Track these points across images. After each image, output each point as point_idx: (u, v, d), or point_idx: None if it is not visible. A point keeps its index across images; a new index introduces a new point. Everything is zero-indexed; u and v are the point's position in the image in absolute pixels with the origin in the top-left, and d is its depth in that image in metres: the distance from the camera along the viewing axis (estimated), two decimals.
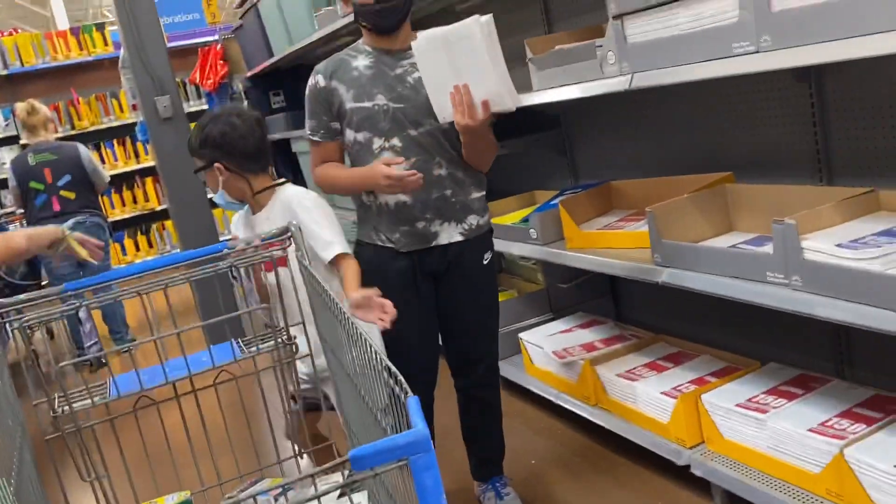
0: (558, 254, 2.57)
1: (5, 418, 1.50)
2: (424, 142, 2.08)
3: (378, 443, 0.81)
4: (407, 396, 0.99)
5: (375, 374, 1.17)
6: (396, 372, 1.06)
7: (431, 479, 0.83)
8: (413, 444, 0.81)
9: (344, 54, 2.16)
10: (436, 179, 2.09)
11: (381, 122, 2.07)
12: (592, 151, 3.13)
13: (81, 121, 7.94)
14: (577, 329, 2.98)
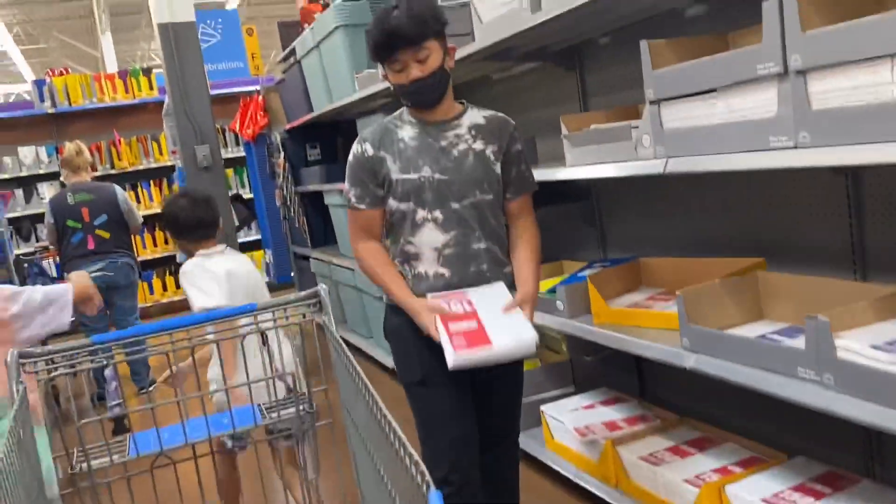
0: (585, 329, 2.55)
1: (24, 474, 1.50)
2: (466, 215, 2.09)
3: None
4: (429, 490, 0.98)
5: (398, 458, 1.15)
6: (419, 461, 1.05)
7: None
8: None
9: (390, 123, 2.17)
10: (473, 253, 2.10)
11: (426, 193, 2.08)
12: (622, 225, 3.12)
13: (121, 161, 8.14)
14: (599, 405, 2.93)
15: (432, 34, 2.01)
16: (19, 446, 1.43)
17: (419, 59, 2.01)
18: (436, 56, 2.02)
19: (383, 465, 1.38)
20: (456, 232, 2.08)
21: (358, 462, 1.76)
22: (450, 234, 2.08)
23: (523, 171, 2.20)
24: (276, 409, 1.80)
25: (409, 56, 2.00)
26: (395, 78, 2.06)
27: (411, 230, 2.10)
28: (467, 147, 2.12)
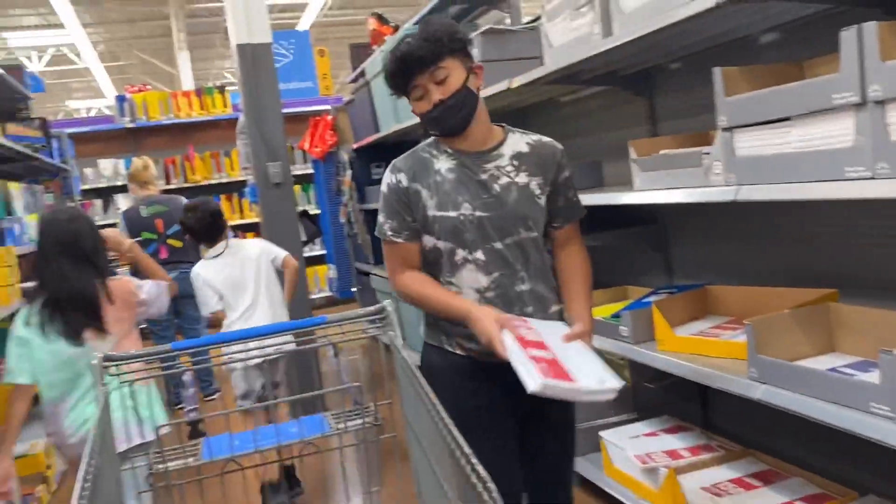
0: (649, 355, 2.53)
1: (109, 473, 1.58)
2: (509, 255, 1.94)
3: None
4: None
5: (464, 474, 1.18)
6: (486, 478, 1.07)
7: None
8: None
9: (424, 152, 2.01)
10: (516, 296, 1.94)
11: (466, 232, 1.92)
12: (689, 252, 3.09)
13: (195, 175, 8.42)
14: (661, 433, 2.90)
15: (448, 52, 1.86)
16: (103, 446, 1.51)
17: (437, 81, 1.86)
18: (456, 76, 1.87)
19: (446, 480, 1.40)
20: (498, 274, 1.93)
21: (419, 477, 1.79)
22: (492, 275, 1.93)
23: (571, 199, 2.07)
24: (343, 420, 1.84)
25: (427, 79, 1.86)
26: (419, 107, 1.91)
27: (450, 269, 1.95)
28: (510, 181, 1.95)
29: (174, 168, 8.39)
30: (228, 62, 17.26)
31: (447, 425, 1.28)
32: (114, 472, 1.67)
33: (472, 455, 1.15)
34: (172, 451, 1.76)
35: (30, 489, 3.36)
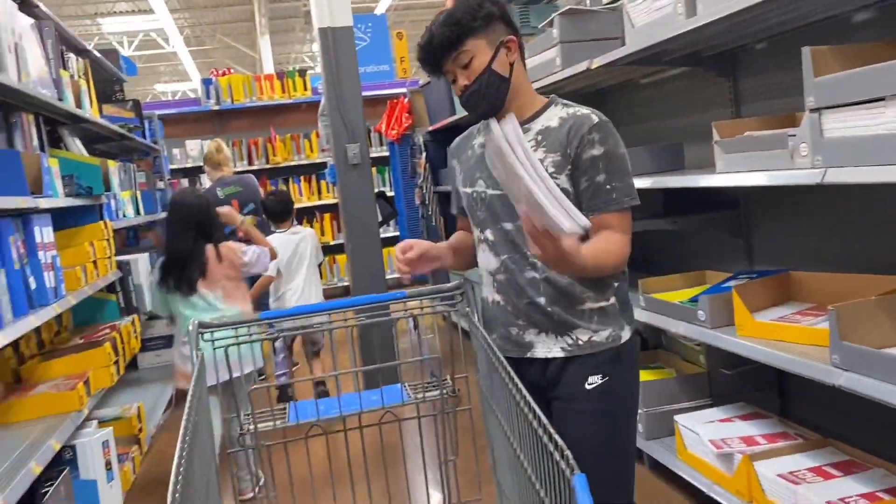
0: (727, 340, 2.51)
1: (203, 431, 1.68)
2: (517, 237, 1.78)
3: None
4: (573, 473, 1.03)
5: (541, 446, 1.21)
6: (563, 447, 1.10)
7: None
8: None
9: (475, 127, 1.97)
10: (527, 283, 1.79)
11: (478, 211, 1.86)
12: (771, 237, 3.03)
13: (276, 156, 8.65)
14: (737, 420, 2.86)
15: (469, 33, 1.73)
16: (199, 407, 1.61)
17: (462, 66, 1.75)
18: (481, 57, 1.73)
19: (523, 451, 1.44)
20: (507, 256, 1.82)
21: (494, 449, 1.84)
22: (500, 258, 1.83)
23: (600, 183, 1.72)
24: (422, 390, 1.90)
25: (452, 64, 1.76)
26: (455, 91, 1.82)
27: (476, 247, 1.94)
28: None
29: (256, 149, 8.64)
30: (307, 46, 17.59)
31: (525, 397, 1.32)
32: (208, 428, 1.77)
33: (550, 426, 1.18)
34: (261, 414, 1.85)
35: (124, 449, 3.57)
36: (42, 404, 2.82)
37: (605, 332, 1.78)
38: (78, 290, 3.18)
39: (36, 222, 2.78)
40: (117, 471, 3.21)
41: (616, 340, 1.79)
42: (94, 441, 3.00)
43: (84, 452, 2.96)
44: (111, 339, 3.39)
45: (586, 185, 1.73)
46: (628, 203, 1.74)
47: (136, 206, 5.14)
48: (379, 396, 1.91)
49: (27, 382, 3.11)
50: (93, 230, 3.69)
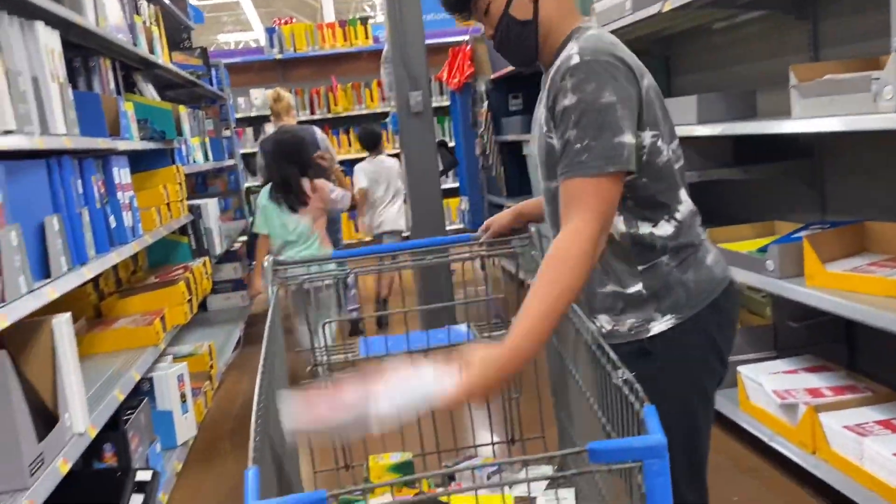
0: (796, 290, 2.47)
1: (279, 363, 1.76)
2: (546, 204, 1.60)
3: (617, 441, 0.87)
4: (643, 405, 1.04)
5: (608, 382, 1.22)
6: (632, 379, 1.11)
7: (662, 486, 0.87)
8: (651, 449, 0.87)
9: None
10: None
11: (536, 172, 1.68)
12: (846, 187, 2.95)
13: (336, 106, 8.70)
14: (802, 372, 2.83)
15: None
16: (273, 339, 1.68)
17: (483, 13, 1.53)
18: (496, 2, 1.50)
19: (588, 388, 1.46)
20: (547, 219, 1.64)
21: (558, 387, 1.87)
22: (544, 221, 1.68)
23: (570, 141, 1.36)
24: (488, 330, 1.94)
25: (476, 14, 1.56)
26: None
27: None
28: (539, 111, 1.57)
29: (318, 99, 8.70)
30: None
31: (591, 333, 1.32)
32: (281, 360, 1.85)
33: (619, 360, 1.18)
34: (333, 347, 1.92)
35: (197, 384, 3.73)
36: (122, 338, 2.97)
37: (629, 321, 1.50)
38: (153, 230, 3.31)
39: (114, 163, 2.89)
40: (191, 403, 3.37)
41: (641, 332, 1.49)
42: (169, 374, 3.15)
43: (161, 384, 3.12)
44: (185, 279, 3.52)
45: (560, 145, 1.39)
46: (605, 168, 1.32)
47: (204, 152, 5.26)
48: (446, 335, 1.96)
49: (107, 317, 3.27)
50: (166, 174, 3.81)
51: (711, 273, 1.51)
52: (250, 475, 0.88)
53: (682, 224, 1.49)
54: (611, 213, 1.35)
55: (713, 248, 1.56)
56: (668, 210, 1.48)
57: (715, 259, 1.54)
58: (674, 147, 1.50)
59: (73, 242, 2.34)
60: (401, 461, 1.93)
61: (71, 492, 2.27)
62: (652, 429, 0.93)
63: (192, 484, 3.14)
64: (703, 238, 1.54)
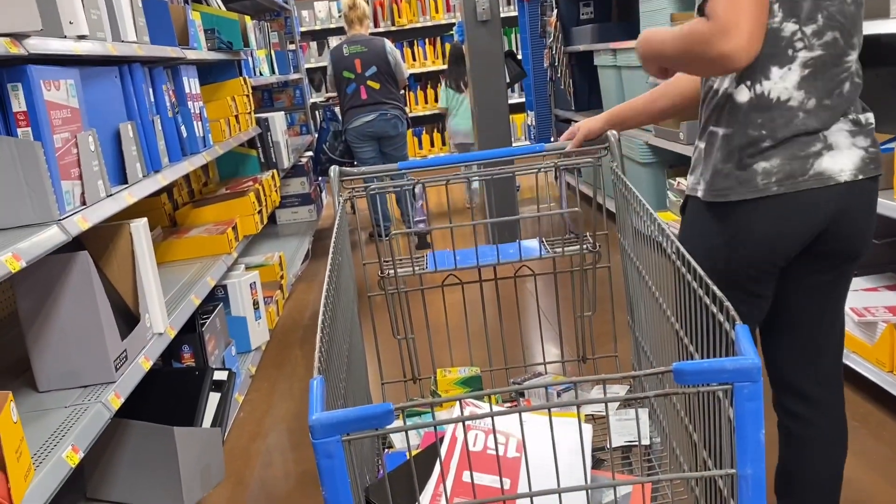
0: (883, 203, 2.34)
1: (346, 273, 1.77)
2: None
3: (705, 362, 0.80)
4: (734, 325, 0.99)
5: (695, 298, 1.18)
6: (723, 298, 1.05)
7: (754, 410, 0.82)
8: (743, 370, 0.80)
9: None
10: None
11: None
12: None
13: (401, 18, 8.52)
14: (883, 290, 2.72)
15: None
16: (342, 248, 1.68)
17: None
18: None
19: (670, 307, 1.42)
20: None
21: (635, 306, 1.84)
22: None
23: None
24: (562, 245, 1.90)
25: None
26: None
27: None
28: None
29: (382, 11, 8.53)
30: None
31: (678, 248, 1.28)
32: (349, 271, 1.86)
33: (706, 276, 1.13)
34: (401, 261, 1.92)
35: (269, 293, 3.84)
36: (196, 246, 3.05)
37: (692, 177, 1.55)
38: (223, 141, 3.34)
39: (184, 73, 2.90)
40: (263, 311, 3.47)
41: (693, 190, 1.53)
42: (242, 282, 3.24)
43: (234, 291, 3.21)
44: (254, 191, 3.57)
45: None
46: None
47: (270, 65, 5.24)
48: (516, 249, 1.92)
49: (182, 226, 3.35)
50: (233, 86, 3.82)
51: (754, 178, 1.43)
52: (315, 385, 0.86)
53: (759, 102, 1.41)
54: None
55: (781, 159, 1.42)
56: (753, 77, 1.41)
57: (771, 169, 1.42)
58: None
59: (147, 150, 2.37)
60: (469, 375, 1.94)
61: (153, 388, 2.39)
62: (744, 350, 0.88)
63: (266, 386, 3.27)
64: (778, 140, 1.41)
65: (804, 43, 1.38)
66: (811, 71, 1.39)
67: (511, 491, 1.31)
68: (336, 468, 0.86)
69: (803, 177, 1.40)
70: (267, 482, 2.52)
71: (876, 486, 2.13)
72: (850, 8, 1.40)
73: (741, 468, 0.86)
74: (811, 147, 1.40)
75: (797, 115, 1.40)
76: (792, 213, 1.43)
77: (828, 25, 1.38)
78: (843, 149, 1.41)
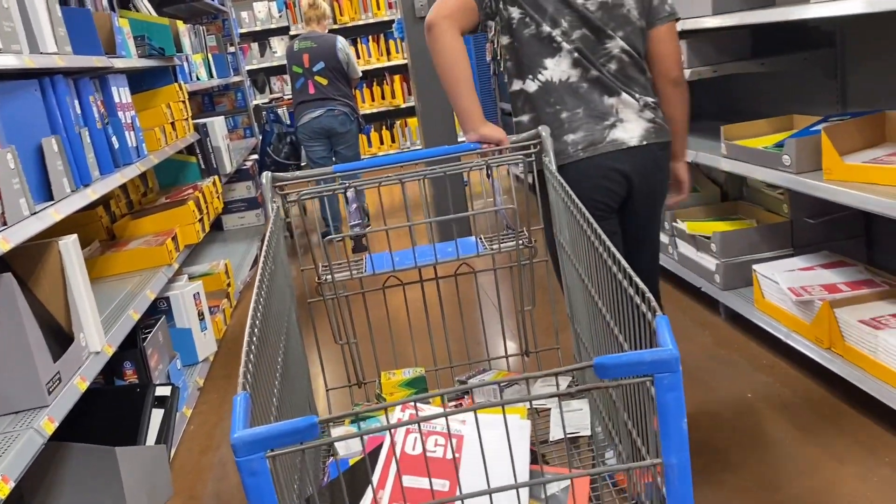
0: (812, 184, 2.40)
1: (281, 280, 1.75)
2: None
3: (625, 355, 0.80)
4: (655, 316, 1.00)
5: (620, 289, 1.19)
6: (645, 289, 1.07)
7: (675, 400, 0.82)
8: (661, 362, 0.80)
9: None
10: None
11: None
12: (867, 77, 2.83)
13: (343, 16, 8.46)
14: (819, 268, 2.79)
15: None
16: (275, 255, 1.66)
17: None
18: None
19: (601, 298, 1.44)
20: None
21: (572, 298, 1.85)
22: None
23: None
24: (498, 241, 1.91)
25: None
26: None
27: None
28: None
29: None
30: None
31: (604, 242, 1.29)
32: (285, 278, 1.84)
33: (630, 268, 1.15)
34: (338, 265, 1.91)
35: (215, 302, 3.78)
36: (135, 258, 2.99)
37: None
38: (158, 150, 3.27)
39: (113, 82, 2.83)
40: (210, 321, 3.41)
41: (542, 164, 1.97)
42: (185, 293, 3.18)
43: (177, 303, 3.16)
44: (194, 199, 3.51)
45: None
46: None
47: (208, 69, 5.16)
48: (454, 248, 1.92)
49: (120, 239, 3.28)
50: (168, 92, 3.75)
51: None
52: (238, 401, 0.83)
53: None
54: None
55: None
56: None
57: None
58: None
59: (75, 164, 2.31)
60: (413, 377, 1.94)
61: (94, 408, 2.33)
62: (663, 341, 0.88)
63: (215, 397, 3.22)
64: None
65: (562, 38, 1.85)
66: (577, 56, 1.86)
67: (451, 492, 1.31)
68: (262, 486, 0.84)
69: (601, 144, 1.87)
70: (222, 495, 2.49)
71: (818, 460, 2.18)
72: (597, 14, 1.87)
73: (666, 457, 0.87)
74: (606, 121, 1.87)
75: (581, 87, 1.87)
76: (596, 171, 1.88)
77: (573, 25, 1.85)
78: (633, 121, 1.89)
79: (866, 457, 2.16)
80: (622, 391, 1.42)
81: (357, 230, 3.40)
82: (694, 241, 3.28)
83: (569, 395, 1.88)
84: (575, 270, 1.69)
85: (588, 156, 1.87)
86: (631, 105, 1.90)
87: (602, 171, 1.88)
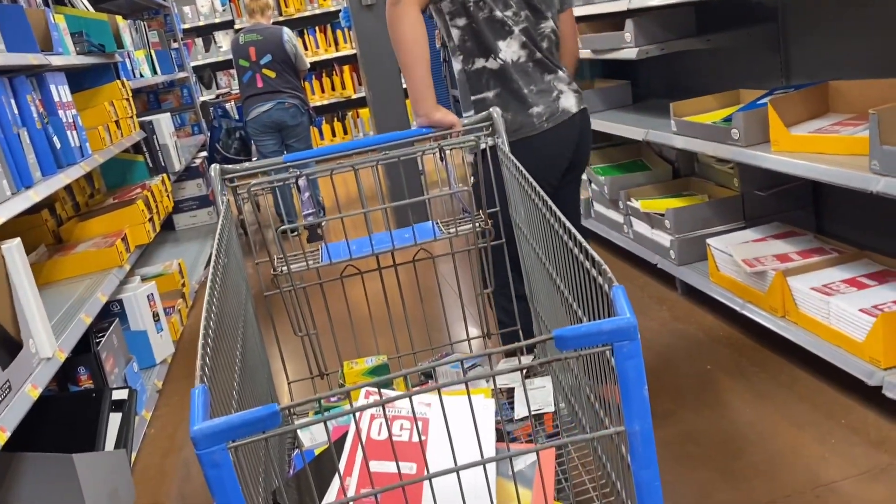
0: (761, 157, 2.44)
1: (235, 274, 1.72)
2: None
3: (584, 325, 0.81)
4: (611, 286, 1.01)
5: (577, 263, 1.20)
6: (601, 261, 1.08)
7: (635, 368, 0.83)
8: (620, 330, 0.81)
9: None
10: None
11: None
12: (809, 49, 2.88)
13: (288, 7, 8.34)
14: (771, 239, 2.85)
15: None
16: (228, 248, 1.63)
17: None
18: None
19: (558, 274, 1.44)
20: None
21: (531, 277, 1.86)
22: None
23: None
24: (455, 225, 1.90)
25: None
26: None
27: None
28: None
29: None
30: None
31: (559, 218, 1.29)
32: (238, 272, 1.81)
33: (586, 242, 1.16)
34: (293, 256, 1.87)
35: (171, 303, 3.70)
36: (84, 262, 2.91)
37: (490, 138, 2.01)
38: (103, 149, 3.19)
39: (51, 80, 2.74)
40: (165, 322, 3.34)
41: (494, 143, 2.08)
42: (139, 294, 3.11)
43: (131, 305, 3.08)
44: (143, 198, 3.43)
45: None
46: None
47: (151, 66, 5.04)
48: (411, 234, 1.90)
49: (68, 242, 3.19)
50: (111, 90, 3.65)
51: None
52: (196, 394, 0.82)
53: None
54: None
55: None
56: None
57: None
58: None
59: (14, 165, 2.24)
60: (376, 364, 1.92)
61: (48, 416, 2.27)
62: (620, 310, 0.89)
63: (175, 399, 3.16)
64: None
65: (512, 21, 2.03)
66: (525, 39, 2.05)
67: (419, 474, 1.30)
68: (225, 477, 0.82)
69: (558, 114, 2.08)
70: (187, 498, 2.44)
71: (778, 426, 2.23)
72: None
73: (629, 425, 0.87)
74: (551, 94, 2.08)
75: (528, 66, 2.06)
76: (557, 138, 2.09)
77: (520, 7, 2.04)
78: (567, 93, 2.11)
79: (824, 420, 2.22)
80: (583, 364, 1.43)
81: (311, 220, 3.38)
82: (648, 218, 3.32)
83: (531, 371, 1.89)
84: (532, 248, 1.69)
85: (550, 126, 2.07)
86: (563, 79, 2.13)
87: (561, 138, 2.10)
